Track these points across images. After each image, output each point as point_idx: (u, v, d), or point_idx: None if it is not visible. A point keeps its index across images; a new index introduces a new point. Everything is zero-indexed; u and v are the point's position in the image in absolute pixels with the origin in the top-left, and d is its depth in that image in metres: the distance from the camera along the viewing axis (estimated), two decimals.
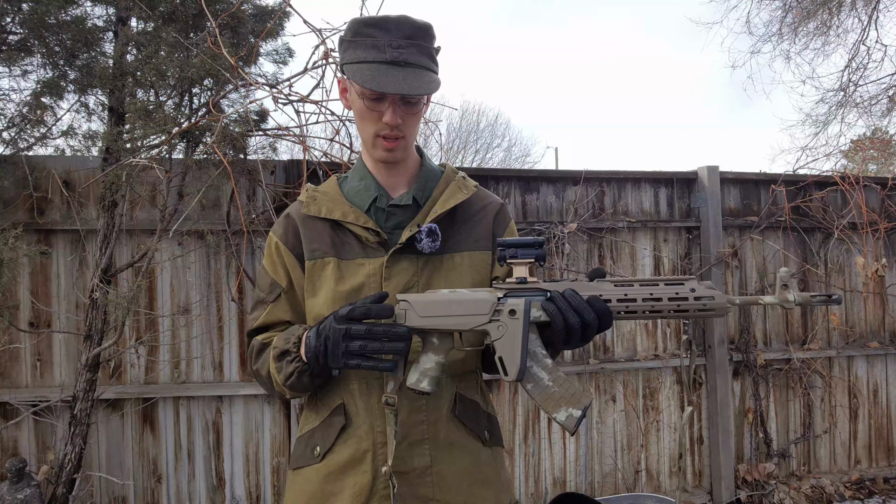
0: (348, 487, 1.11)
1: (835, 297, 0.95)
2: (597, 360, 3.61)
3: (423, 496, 1.10)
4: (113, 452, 3.10)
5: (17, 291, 3.04)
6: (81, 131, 3.21)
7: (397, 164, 1.19)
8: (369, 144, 1.16)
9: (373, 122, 1.12)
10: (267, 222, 3.13)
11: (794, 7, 7.11)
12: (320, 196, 1.20)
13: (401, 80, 1.05)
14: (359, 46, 1.10)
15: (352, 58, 1.10)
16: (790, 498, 3.67)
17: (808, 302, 0.95)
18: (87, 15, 3.08)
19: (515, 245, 1.03)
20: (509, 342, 0.99)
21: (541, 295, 1.01)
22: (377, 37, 1.08)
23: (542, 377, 0.99)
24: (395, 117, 1.10)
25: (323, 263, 1.15)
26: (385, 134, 1.12)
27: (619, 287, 0.99)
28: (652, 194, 3.79)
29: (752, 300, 0.99)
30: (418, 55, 1.09)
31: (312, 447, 1.16)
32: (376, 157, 1.16)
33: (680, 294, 0.97)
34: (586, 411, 0.98)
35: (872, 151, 8.38)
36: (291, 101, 2.88)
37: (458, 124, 18.23)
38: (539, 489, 3.53)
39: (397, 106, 1.10)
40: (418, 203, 1.18)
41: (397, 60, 1.06)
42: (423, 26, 1.11)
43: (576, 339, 0.98)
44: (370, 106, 1.11)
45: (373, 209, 1.17)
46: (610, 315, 0.98)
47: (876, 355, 4.06)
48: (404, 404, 1.11)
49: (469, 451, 1.16)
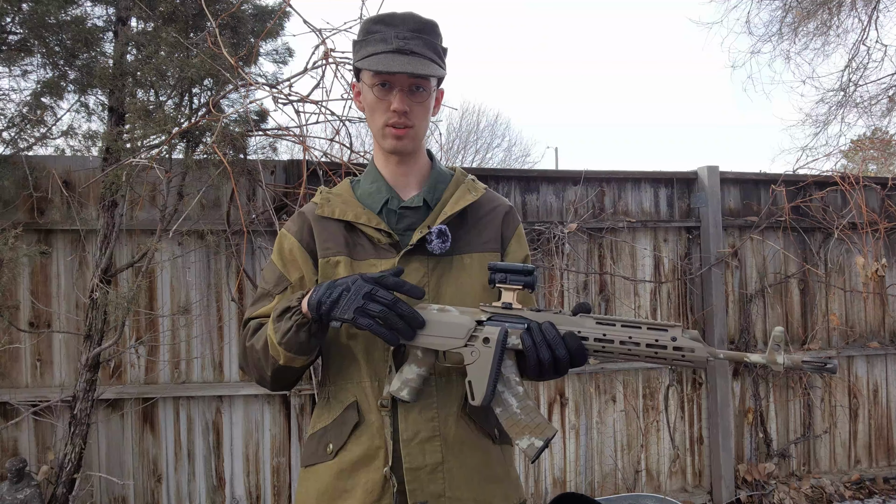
0: (360, 484, 1.12)
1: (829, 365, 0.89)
2: (597, 361, 3.61)
3: (434, 493, 1.11)
4: (113, 452, 3.10)
5: (17, 291, 3.04)
6: (81, 131, 3.21)
7: (407, 162, 1.22)
8: (380, 137, 1.19)
9: (382, 112, 1.17)
10: (267, 222, 3.13)
11: (794, 7, 7.11)
12: (334, 198, 1.23)
13: (406, 63, 1.11)
14: (368, 43, 1.16)
15: (363, 54, 1.16)
16: (790, 498, 3.67)
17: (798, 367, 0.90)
18: (87, 15, 3.08)
19: (506, 270, 1.07)
20: (480, 368, 1.02)
21: (521, 323, 1.04)
22: (384, 31, 1.14)
23: (512, 403, 1.02)
24: (402, 104, 1.14)
25: (335, 262, 1.17)
26: (393, 122, 1.16)
27: (599, 325, 1.00)
28: (652, 194, 3.79)
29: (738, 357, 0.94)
30: (423, 47, 1.14)
31: (325, 444, 1.17)
32: (387, 147, 1.19)
33: (659, 342, 0.96)
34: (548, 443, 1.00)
35: (872, 151, 8.38)
36: (291, 101, 2.88)
37: (458, 124, 18.24)
38: (539, 489, 3.53)
39: (403, 93, 1.14)
40: (429, 205, 1.21)
41: (403, 49, 1.12)
42: (429, 22, 1.18)
43: (548, 373, 1.02)
44: (379, 95, 1.16)
45: (384, 211, 1.20)
46: (584, 353, 1.00)
47: (876, 355, 4.06)
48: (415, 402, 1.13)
49: (479, 448, 1.17)
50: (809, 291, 3.99)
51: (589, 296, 3.66)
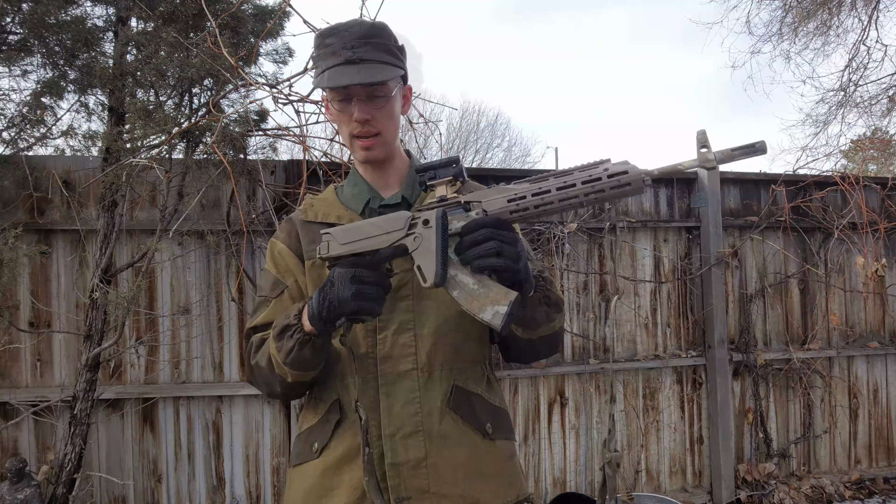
0: (345, 482, 1.13)
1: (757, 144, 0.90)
2: (597, 360, 3.61)
3: (418, 488, 1.11)
4: (113, 452, 3.10)
5: (17, 291, 3.04)
6: (81, 131, 3.22)
7: (384, 165, 1.25)
8: (350, 148, 1.23)
9: (346, 124, 1.19)
10: (267, 222, 3.13)
11: (794, 7, 7.12)
12: (318, 203, 1.26)
13: (355, 73, 1.12)
14: (321, 58, 1.17)
15: (318, 70, 1.18)
16: (790, 498, 3.67)
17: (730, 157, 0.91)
18: (87, 15, 3.08)
19: (433, 167, 1.06)
20: (425, 250, 0.99)
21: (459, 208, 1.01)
22: (333, 44, 1.15)
23: (468, 282, 0.97)
24: (362, 113, 1.15)
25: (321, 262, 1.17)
26: (358, 132, 1.17)
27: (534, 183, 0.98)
28: (652, 194, 3.79)
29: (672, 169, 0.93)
30: (374, 52, 1.14)
31: (311, 444, 1.18)
32: (358, 158, 1.23)
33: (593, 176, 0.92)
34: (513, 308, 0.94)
35: (872, 151, 8.38)
36: (291, 101, 2.88)
37: (458, 124, 18.25)
38: (539, 489, 3.53)
39: (362, 103, 1.15)
40: (408, 201, 1.22)
41: (352, 59, 1.12)
42: (376, 25, 1.18)
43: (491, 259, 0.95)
44: (340, 108, 1.17)
45: (367, 211, 1.22)
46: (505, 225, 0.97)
47: (876, 355, 4.06)
48: (398, 397, 1.13)
49: (465, 443, 1.16)
50: (809, 291, 3.99)
51: (589, 296, 3.66)
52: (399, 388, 1.13)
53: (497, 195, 1.00)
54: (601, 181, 0.91)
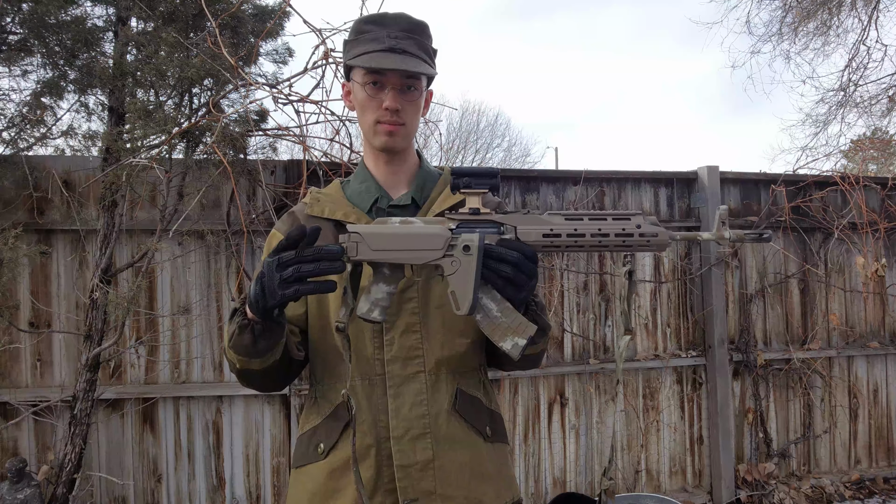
0: (352, 483, 1.12)
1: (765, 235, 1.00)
2: (597, 360, 3.61)
3: (425, 490, 1.11)
4: (113, 452, 3.10)
5: (17, 291, 3.04)
6: (81, 131, 3.21)
7: (396, 160, 1.22)
8: (371, 134, 1.19)
9: (373, 110, 1.17)
10: (267, 222, 3.13)
11: (794, 7, 7.12)
12: (323, 198, 1.23)
13: (399, 61, 1.12)
14: (360, 42, 1.16)
15: (354, 53, 1.16)
16: (790, 498, 3.67)
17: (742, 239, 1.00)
18: (87, 15, 3.08)
19: (470, 174, 1.03)
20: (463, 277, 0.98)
21: (493, 228, 1.02)
22: (376, 31, 1.15)
23: (492, 308, 1.00)
24: (394, 101, 1.15)
25: None
26: (385, 119, 1.16)
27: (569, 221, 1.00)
28: (652, 194, 3.79)
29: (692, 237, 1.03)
30: (415, 47, 1.15)
31: (315, 445, 1.17)
32: (377, 144, 1.19)
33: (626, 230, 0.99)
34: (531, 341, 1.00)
35: (872, 151, 8.39)
36: (291, 101, 2.88)
37: (458, 124, 18.27)
38: (539, 489, 3.53)
39: (396, 92, 1.15)
40: (417, 203, 1.21)
41: (395, 48, 1.13)
42: (420, 23, 1.18)
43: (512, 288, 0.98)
44: (371, 93, 1.16)
45: (374, 210, 1.20)
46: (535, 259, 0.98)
47: (876, 355, 4.06)
48: (406, 399, 1.13)
49: (469, 445, 1.17)
50: (809, 291, 3.99)
51: (589, 296, 3.66)
52: (407, 390, 1.13)
53: (534, 225, 1.01)
54: (633, 237, 0.99)
